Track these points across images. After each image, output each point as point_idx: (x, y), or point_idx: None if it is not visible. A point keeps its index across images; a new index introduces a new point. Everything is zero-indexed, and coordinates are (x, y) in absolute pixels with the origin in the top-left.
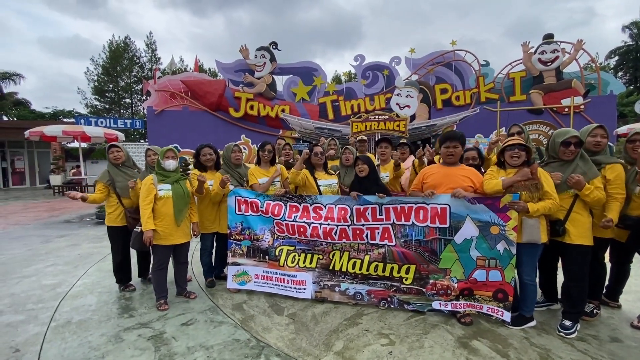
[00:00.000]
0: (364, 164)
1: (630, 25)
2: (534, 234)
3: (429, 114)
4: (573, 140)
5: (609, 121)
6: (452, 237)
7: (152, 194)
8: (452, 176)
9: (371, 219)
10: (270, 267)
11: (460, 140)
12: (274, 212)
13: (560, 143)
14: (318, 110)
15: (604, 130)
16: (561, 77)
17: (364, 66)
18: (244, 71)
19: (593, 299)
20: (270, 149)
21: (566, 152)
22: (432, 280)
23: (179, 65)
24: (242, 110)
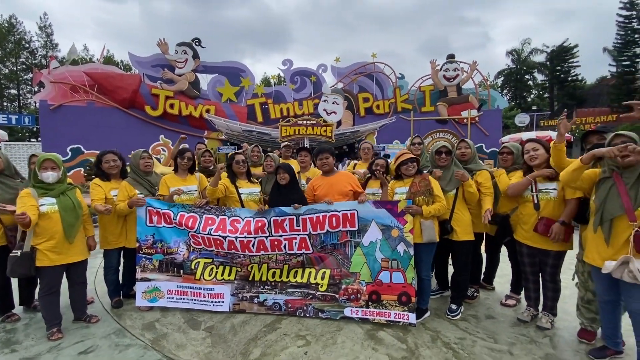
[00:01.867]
0: (285, 172)
1: (512, 52)
2: (432, 234)
3: (353, 120)
4: (443, 149)
5: (496, 131)
6: (360, 240)
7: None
8: (335, 184)
9: (289, 229)
10: (185, 281)
11: (330, 152)
12: (187, 225)
13: (434, 152)
14: (246, 112)
15: (466, 144)
16: (461, 92)
17: (292, 71)
18: (163, 67)
19: (473, 284)
20: (190, 157)
21: (440, 159)
22: (344, 285)
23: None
24: (160, 109)
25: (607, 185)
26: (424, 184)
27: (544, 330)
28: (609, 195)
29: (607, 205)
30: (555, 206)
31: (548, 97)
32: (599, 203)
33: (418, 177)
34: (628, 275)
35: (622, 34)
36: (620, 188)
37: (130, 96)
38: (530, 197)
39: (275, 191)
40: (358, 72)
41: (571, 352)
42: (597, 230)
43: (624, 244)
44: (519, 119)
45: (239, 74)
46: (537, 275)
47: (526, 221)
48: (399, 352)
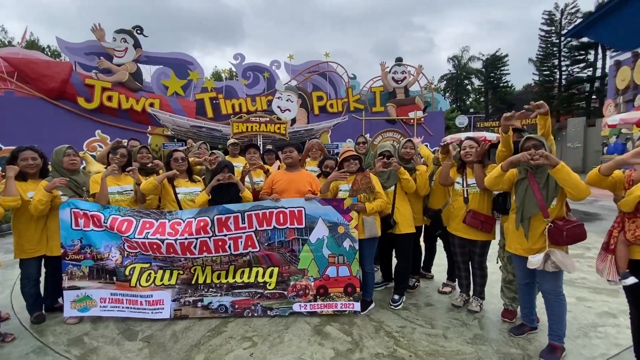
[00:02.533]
0: (229, 171)
1: (453, 58)
2: (373, 230)
3: (307, 118)
4: (386, 153)
5: (439, 131)
6: (307, 237)
7: None
8: (295, 182)
9: (234, 228)
10: (119, 288)
11: (295, 147)
12: (121, 229)
13: (378, 154)
14: (195, 107)
15: (411, 144)
16: (408, 94)
17: (244, 66)
18: (98, 55)
19: (414, 274)
20: (124, 153)
21: (379, 162)
22: (292, 282)
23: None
24: (96, 101)
25: (523, 186)
26: (365, 182)
27: (474, 313)
28: (526, 195)
29: (525, 206)
30: (481, 199)
31: (484, 101)
32: (519, 203)
33: (360, 175)
34: (551, 266)
35: (543, 46)
36: (534, 187)
37: (58, 86)
38: (461, 191)
39: (216, 189)
40: (312, 71)
41: (496, 331)
42: (518, 228)
43: (540, 237)
44: (459, 120)
45: (187, 67)
46: (468, 264)
47: (457, 214)
48: (344, 344)
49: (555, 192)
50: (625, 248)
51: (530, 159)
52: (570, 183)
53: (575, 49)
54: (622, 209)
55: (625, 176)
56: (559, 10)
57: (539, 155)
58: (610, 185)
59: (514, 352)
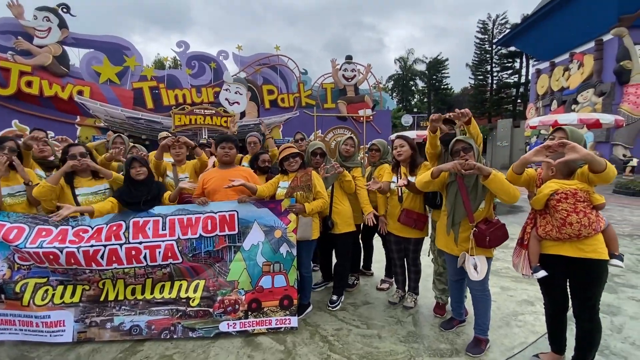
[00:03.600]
0: (141, 166)
1: (400, 59)
2: (307, 231)
3: (258, 112)
4: (318, 151)
5: (387, 129)
6: (241, 244)
7: None
8: (228, 179)
9: (151, 234)
10: (9, 307)
11: (234, 142)
12: (7, 237)
13: (310, 153)
14: (132, 97)
15: (352, 141)
16: (358, 92)
17: (188, 54)
18: (16, 34)
19: (353, 272)
20: (13, 147)
21: (314, 160)
22: (219, 297)
23: None
24: (12, 87)
25: (453, 190)
26: (305, 179)
27: (409, 309)
28: (456, 201)
29: (456, 210)
30: (414, 198)
31: (427, 101)
32: (450, 207)
33: (301, 172)
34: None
35: (478, 53)
36: (462, 192)
37: None
38: (396, 190)
39: (127, 189)
40: (262, 63)
41: (428, 327)
42: (449, 233)
43: (466, 239)
44: (405, 119)
45: (122, 52)
46: (403, 260)
47: (392, 213)
48: (276, 354)
49: (484, 195)
50: (537, 243)
51: (460, 169)
52: (503, 191)
53: (504, 56)
54: (534, 207)
55: (536, 174)
56: (491, 20)
57: (469, 166)
58: (525, 183)
59: (444, 347)
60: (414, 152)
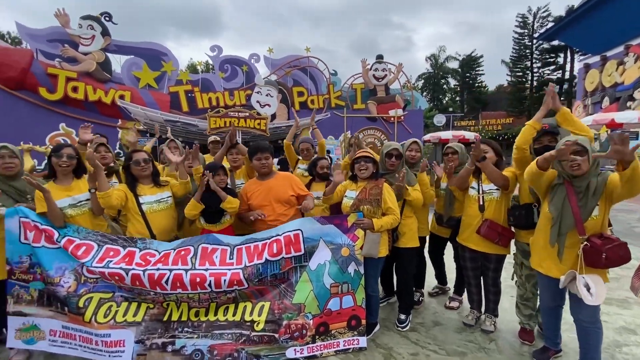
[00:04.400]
0: (225, 174)
1: (431, 57)
2: (373, 248)
3: (288, 114)
4: (394, 152)
5: (419, 130)
6: (307, 264)
7: None
8: (274, 190)
9: (218, 262)
10: (71, 321)
11: (270, 151)
12: (76, 253)
13: (385, 154)
14: (169, 101)
15: (417, 145)
16: (388, 92)
17: (221, 58)
18: (63, 42)
19: (418, 288)
20: (71, 154)
21: (389, 162)
22: (285, 320)
23: None
24: (60, 92)
25: (561, 194)
26: (375, 192)
27: (489, 334)
28: (564, 206)
29: (564, 218)
30: (499, 208)
31: (459, 100)
32: (557, 214)
33: (371, 183)
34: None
35: (517, 48)
36: (570, 197)
37: (18, 75)
38: (476, 197)
39: (207, 196)
40: (292, 65)
41: (516, 355)
42: (554, 244)
43: (572, 257)
44: (437, 119)
45: (160, 58)
46: (479, 279)
47: (469, 223)
48: None
49: (597, 199)
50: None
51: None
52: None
53: (546, 51)
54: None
55: None
56: (532, 13)
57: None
58: None
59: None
60: (499, 159)
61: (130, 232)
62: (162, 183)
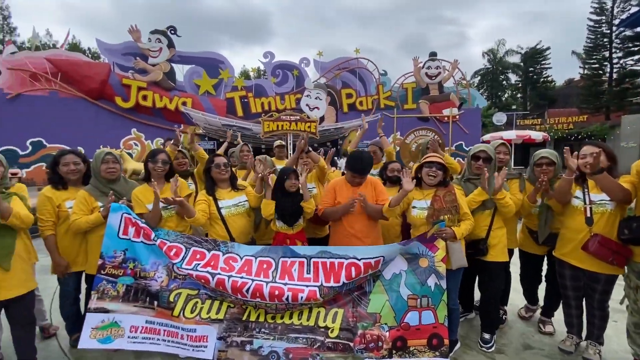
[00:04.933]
0: (296, 178)
1: (488, 52)
2: (461, 258)
3: (336, 116)
4: (482, 155)
5: (476, 130)
6: (380, 273)
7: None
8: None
9: (297, 277)
10: (158, 316)
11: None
12: (169, 254)
13: (471, 156)
14: (225, 106)
15: (506, 148)
16: (442, 90)
17: (273, 64)
18: (135, 55)
19: (501, 304)
20: (165, 159)
21: (475, 165)
22: (360, 330)
23: (43, 40)
24: (132, 100)
25: None
26: (450, 199)
27: None
28: None
29: None
30: (611, 221)
31: (521, 97)
32: None
33: (442, 190)
34: None
35: (592, 37)
36: None
37: (98, 86)
38: (581, 208)
39: (281, 200)
40: (341, 67)
41: None
42: None
43: None
44: (497, 118)
45: (218, 66)
46: (581, 300)
47: (572, 237)
48: None
49: None
50: None
51: None
52: None
53: (629, 39)
54: None
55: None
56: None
57: None
58: None
59: None
60: (613, 164)
61: (211, 235)
62: (239, 187)
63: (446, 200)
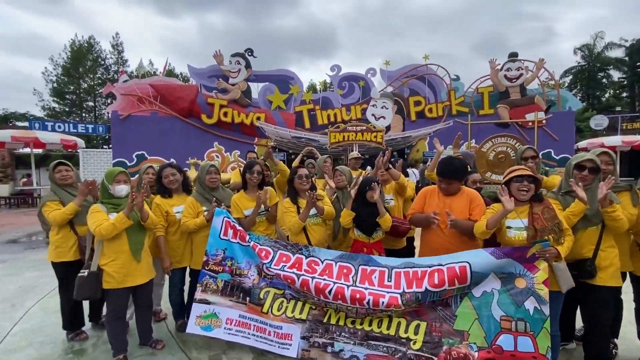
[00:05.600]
0: (378, 188)
1: (582, 48)
2: (569, 278)
3: (403, 125)
4: (588, 164)
5: (569, 135)
6: (469, 290)
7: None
8: (451, 205)
9: (377, 283)
10: (250, 311)
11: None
12: (260, 255)
13: (573, 166)
14: (294, 119)
15: (608, 157)
16: (525, 93)
17: (340, 76)
18: (218, 77)
19: (611, 336)
20: (260, 170)
21: (579, 176)
22: (445, 346)
23: (147, 69)
24: (215, 117)
25: None
26: (550, 216)
27: None
28: None
29: None
30: None
31: (627, 97)
32: None
33: (539, 206)
34: None
35: None
36: None
37: (188, 106)
38: None
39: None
40: (409, 75)
41: None
42: None
43: None
44: (595, 121)
45: (288, 82)
46: None
47: None
48: None
49: None
50: None
51: None
52: None
53: None
54: None
55: None
56: None
57: None
58: None
59: None
60: None
61: (292, 241)
62: (318, 197)
63: (546, 218)
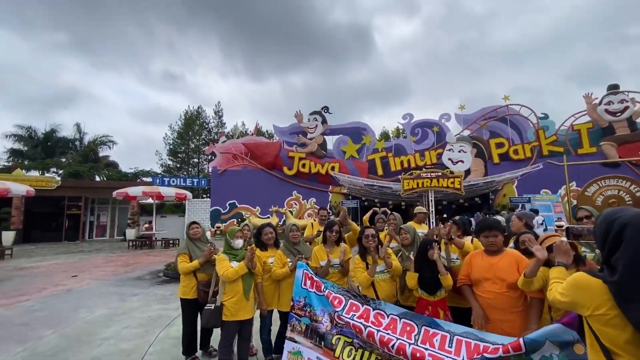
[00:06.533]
0: (438, 249)
1: None
2: None
3: (485, 168)
4: None
5: None
6: (527, 356)
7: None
8: (497, 266)
9: (438, 346)
10: (324, 354)
11: (500, 229)
12: (333, 302)
13: None
14: (367, 167)
15: None
16: (635, 128)
17: (412, 124)
18: (298, 133)
19: None
20: (337, 230)
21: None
22: None
23: (240, 130)
24: (294, 169)
25: None
26: None
27: None
28: None
29: None
30: None
31: None
32: None
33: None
34: None
35: None
36: None
37: (272, 159)
38: None
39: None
40: (488, 117)
41: None
42: None
43: None
44: None
45: (361, 132)
46: None
47: None
48: None
49: None
50: None
51: None
52: None
53: None
54: None
55: None
56: None
57: None
58: None
59: None
60: None
61: None
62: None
63: None
